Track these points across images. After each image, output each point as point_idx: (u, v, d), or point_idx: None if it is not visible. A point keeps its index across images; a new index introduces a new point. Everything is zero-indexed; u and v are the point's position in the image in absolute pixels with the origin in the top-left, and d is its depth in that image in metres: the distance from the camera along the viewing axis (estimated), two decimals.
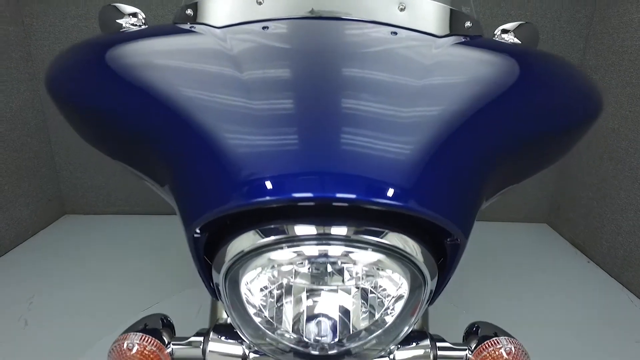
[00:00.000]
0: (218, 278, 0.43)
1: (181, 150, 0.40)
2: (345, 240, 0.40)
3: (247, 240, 0.40)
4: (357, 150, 0.37)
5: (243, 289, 0.44)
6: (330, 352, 0.47)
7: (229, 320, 0.56)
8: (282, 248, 0.41)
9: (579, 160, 2.43)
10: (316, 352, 0.47)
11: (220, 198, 0.36)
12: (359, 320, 0.46)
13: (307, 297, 0.45)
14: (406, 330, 0.47)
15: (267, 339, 0.47)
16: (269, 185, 0.35)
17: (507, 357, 0.48)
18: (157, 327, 0.51)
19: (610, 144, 2.16)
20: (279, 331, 0.46)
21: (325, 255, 0.41)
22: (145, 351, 0.47)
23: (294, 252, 0.41)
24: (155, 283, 1.91)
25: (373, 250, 0.41)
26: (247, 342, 0.51)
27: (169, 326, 0.53)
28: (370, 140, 0.38)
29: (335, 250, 0.40)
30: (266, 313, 0.45)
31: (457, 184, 0.39)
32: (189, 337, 0.52)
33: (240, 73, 0.44)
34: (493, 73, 0.48)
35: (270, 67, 0.45)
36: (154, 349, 0.48)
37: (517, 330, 1.65)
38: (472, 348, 0.51)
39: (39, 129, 2.44)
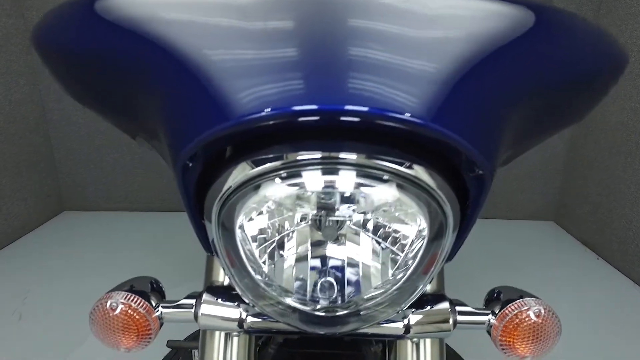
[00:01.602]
0: (210, 225, 0.38)
1: (170, 75, 0.35)
2: (356, 166, 0.35)
3: (236, 174, 0.35)
4: (371, 59, 0.32)
5: (238, 236, 0.39)
6: (337, 313, 0.42)
7: (225, 282, 0.52)
8: (279, 179, 0.36)
9: (586, 156, 2.38)
10: (321, 313, 0.42)
11: (210, 118, 0.31)
12: (370, 276, 0.41)
13: (311, 247, 0.40)
14: (421, 288, 0.42)
15: (267, 298, 0.42)
16: (266, 97, 0.30)
17: (536, 319, 0.43)
18: (145, 290, 0.46)
19: (619, 137, 2.11)
20: (279, 288, 0.42)
21: (332, 186, 0.35)
22: (130, 311, 0.42)
23: (293, 183, 0.35)
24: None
25: (388, 182, 0.35)
26: (245, 302, 0.46)
27: (158, 291, 0.49)
28: (386, 51, 0.33)
29: (344, 180, 0.35)
30: (264, 267, 0.40)
31: (482, 112, 0.34)
32: (180, 300, 0.47)
33: None
34: (517, 15, 0.44)
35: None
36: (142, 310, 0.43)
37: None
38: (496, 312, 0.46)
39: (38, 123, 2.41)
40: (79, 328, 1.57)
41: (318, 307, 0.42)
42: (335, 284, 0.42)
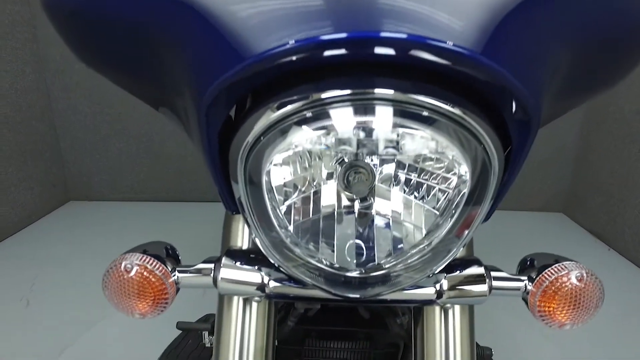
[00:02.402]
0: (235, 179, 0.36)
1: (191, 20, 0.33)
2: (393, 103, 0.31)
3: (260, 119, 0.33)
4: None
5: (265, 190, 0.36)
6: (367, 275, 0.39)
7: (244, 246, 0.49)
8: (305, 121, 0.32)
9: (599, 145, 2.34)
10: (350, 274, 0.39)
11: (234, 56, 0.29)
12: (403, 237, 0.38)
13: (340, 206, 0.37)
14: (455, 250, 0.39)
15: (293, 260, 0.40)
16: (290, 29, 0.27)
17: (578, 284, 0.41)
18: (160, 254, 0.44)
19: (634, 126, 2.07)
20: (305, 248, 0.39)
21: (365, 127, 0.32)
22: (146, 273, 0.40)
23: (321, 126, 0.32)
24: None
25: (429, 122, 0.32)
26: (267, 266, 0.44)
27: (173, 256, 0.46)
28: None
29: (379, 118, 0.31)
30: (291, 226, 0.38)
31: (532, 52, 0.32)
32: (197, 264, 0.45)
33: None
34: None
35: None
36: (158, 273, 0.41)
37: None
38: (533, 277, 0.43)
39: (43, 112, 2.39)
40: (86, 314, 1.57)
41: (346, 268, 0.39)
42: (364, 246, 0.39)
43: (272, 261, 0.41)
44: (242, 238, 0.49)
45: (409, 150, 0.35)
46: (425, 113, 0.32)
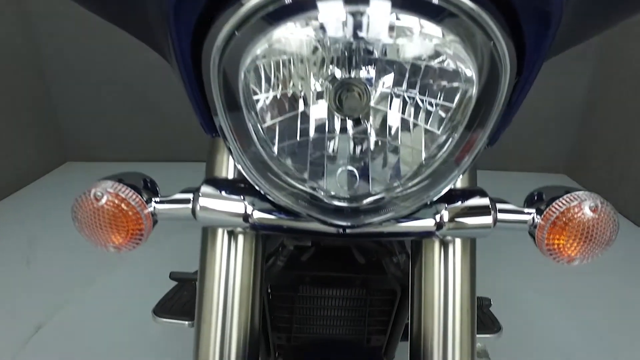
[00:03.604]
0: (212, 92, 0.31)
1: None
2: None
3: (232, 13, 0.27)
4: None
5: (241, 98, 0.32)
6: (360, 204, 0.35)
7: (229, 176, 0.45)
8: (285, 13, 0.27)
9: (605, 98, 2.26)
10: (341, 204, 0.36)
11: None
12: (400, 160, 0.34)
13: (330, 125, 0.33)
14: (455, 174, 0.36)
15: (280, 187, 0.36)
16: None
17: (591, 215, 0.37)
18: (137, 185, 0.40)
19: None
20: (293, 173, 0.35)
21: (356, 14, 0.27)
22: (117, 201, 0.36)
23: (305, 17, 0.27)
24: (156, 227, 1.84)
25: (433, 14, 0.28)
26: (251, 195, 0.40)
27: (152, 189, 0.43)
28: None
29: (374, 6, 0.27)
30: (275, 147, 0.34)
31: None
32: (175, 194, 0.41)
33: None
34: None
35: None
36: (132, 202, 0.37)
37: (542, 279, 1.57)
38: (542, 209, 0.40)
39: (32, 64, 2.31)
40: (85, 271, 1.57)
41: (337, 195, 0.36)
42: (357, 172, 0.35)
43: (256, 188, 0.37)
44: (226, 169, 0.46)
45: (408, 54, 0.30)
46: (426, 15, 0.27)
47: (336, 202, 0.36)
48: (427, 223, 0.40)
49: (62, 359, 1.19)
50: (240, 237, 0.43)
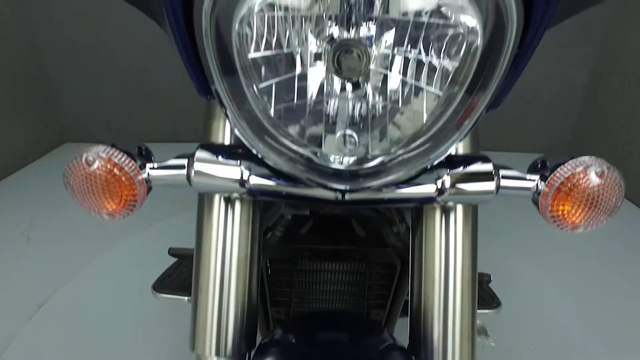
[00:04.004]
0: (204, 52, 0.30)
1: None
2: None
3: None
4: None
5: (237, 59, 0.31)
6: (360, 167, 0.34)
7: (226, 141, 0.44)
8: None
9: (608, 83, 2.23)
10: (340, 167, 0.35)
11: None
12: (399, 123, 0.33)
13: (329, 87, 0.32)
14: (457, 137, 0.34)
15: (278, 151, 0.35)
16: None
17: (597, 180, 0.36)
18: (131, 151, 0.39)
19: None
20: (290, 135, 0.34)
21: None
22: (109, 166, 0.35)
23: None
24: (154, 205, 1.83)
25: None
26: (248, 159, 0.39)
27: (146, 156, 0.42)
28: None
29: None
30: (271, 110, 0.33)
31: None
32: (169, 160, 0.40)
33: None
34: None
35: None
36: (125, 168, 0.36)
37: (542, 256, 1.57)
38: (546, 176, 0.38)
39: (29, 44, 2.28)
40: (85, 249, 1.58)
41: (336, 158, 0.35)
42: (356, 136, 0.34)
43: (253, 151, 0.36)
44: (222, 135, 0.44)
45: (410, 7, 0.29)
46: None
47: (335, 166, 0.35)
48: (429, 189, 0.39)
49: (66, 335, 1.20)
50: (237, 205, 0.42)
